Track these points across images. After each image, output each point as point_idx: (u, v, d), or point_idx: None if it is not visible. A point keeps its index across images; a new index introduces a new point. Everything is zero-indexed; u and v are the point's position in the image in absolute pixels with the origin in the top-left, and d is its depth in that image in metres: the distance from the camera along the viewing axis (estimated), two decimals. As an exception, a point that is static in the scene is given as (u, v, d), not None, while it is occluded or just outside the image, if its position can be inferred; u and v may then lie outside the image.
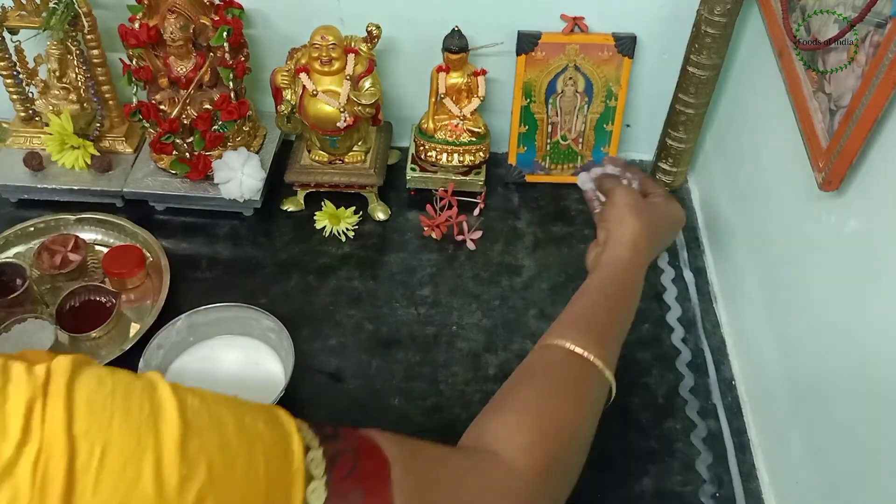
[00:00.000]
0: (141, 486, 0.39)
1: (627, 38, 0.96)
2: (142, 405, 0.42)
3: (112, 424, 0.40)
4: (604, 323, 0.68)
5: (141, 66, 0.95)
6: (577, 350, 0.64)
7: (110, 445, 0.39)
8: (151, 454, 0.40)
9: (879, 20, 0.58)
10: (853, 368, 0.63)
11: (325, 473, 0.46)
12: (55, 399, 0.39)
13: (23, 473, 0.37)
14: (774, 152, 0.82)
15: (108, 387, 0.42)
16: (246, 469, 0.43)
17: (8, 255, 0.96)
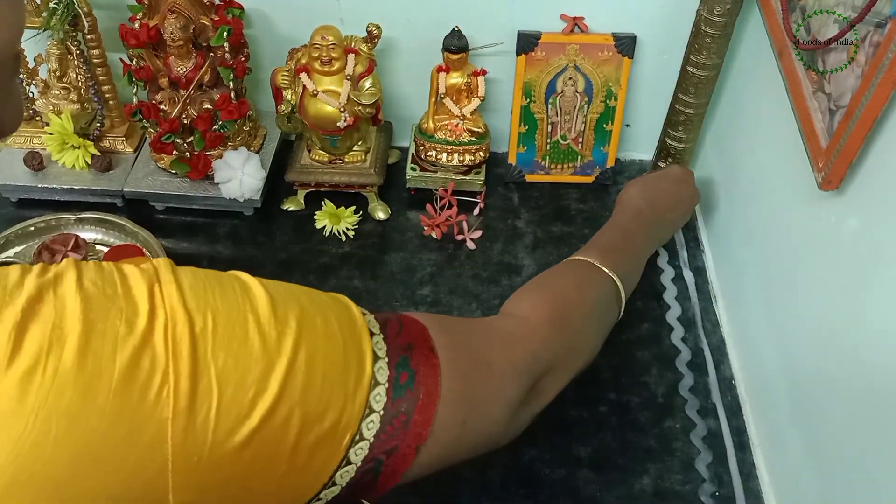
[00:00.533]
0: (249, 342, 0.47)
1: (627, 38, 0.96)
2: (232, 285, 0.50)
3: (215, 299, 0.48)
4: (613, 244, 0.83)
5: (141, 66, 0.95)
6: (585, 259, 0.79)
7: (218, 313, 0.47)
8: (251, 317, 0.48)
9: (879, 20, 0.58)
10: (853, 367, 0.63)
11: (381, 332, 0.55)
12: (167, 284, 0.47)
13: (158, 340, 0.44)
14: (774, 152, 0.82)
15: (202, 275, 0.50)
16: (325, 324, 0.52)
17: (8, 255, 0.96)
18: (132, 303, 0.45)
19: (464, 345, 0.61)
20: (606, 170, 1.07)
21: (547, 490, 0.78)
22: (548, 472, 0.79)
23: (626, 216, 0.89)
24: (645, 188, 0.92)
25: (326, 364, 0.51)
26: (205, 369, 0.45)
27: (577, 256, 0.81)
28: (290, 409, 0.48)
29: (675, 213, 0.92)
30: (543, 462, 0.80)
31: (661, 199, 0.91)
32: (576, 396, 0.85)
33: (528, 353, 0.65)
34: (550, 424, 0.83)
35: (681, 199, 0.93)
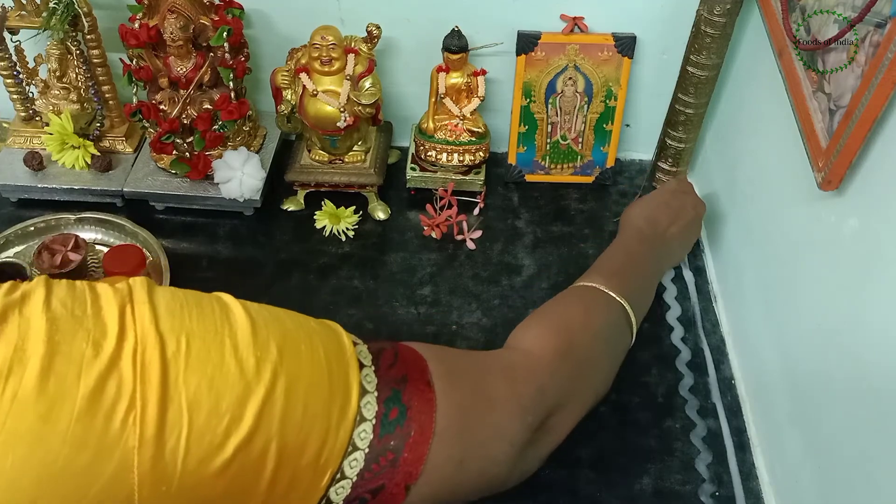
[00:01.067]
0: (225, 367, 0.45)
1: (627, 38, 0.96)
2: (212, 306, 0.48)
3: (191, 320, 0.46)
4: (617, 267, 0.81)
5: (141, 66, 0.95)
6: (589, 284, 0.77)
7: (193, 337, 0.45)
8: (229, 341, 0.46)
9: (879, 20, 0.58)
10: (853, 367, 0.63)
11: (373, 363, 0.53)
12: (140, 304, 0.45)
13: (125, 364, 0.42)
14: (774, 152, 0.82)
15: (180, 295, 0.48)
16: (309, 353, 0.50)
17: (8, 254, 0.96)
18: (101, 324, 0.43)
19: (463, 378, 0.58)
20: (606, 170, 1.07)
21: (547, 490, 0.78)
22: (548, 472, 0.79)
23: (628, 237, 0.87)
24: (643, 206, 0.91)
25: (308, 395, 0.48)
26: (175, 395, 0.43)
27: (581, 282, 0.79)
28: (267, 440, 0.46)
29: (678, 227, 0.90)
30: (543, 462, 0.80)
31: (661, 214, 0.89)
32: (576, 396, 0.85)
33: (534, 386, 0.62)
34: (550, 424, 0.83)
35: (682, 210, 0.91)
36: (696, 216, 0.92)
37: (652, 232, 0.87)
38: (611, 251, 0.85)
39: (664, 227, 0.88)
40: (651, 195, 0.93)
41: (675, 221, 0.90)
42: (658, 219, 0.89)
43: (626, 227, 0.89)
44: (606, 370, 0.73)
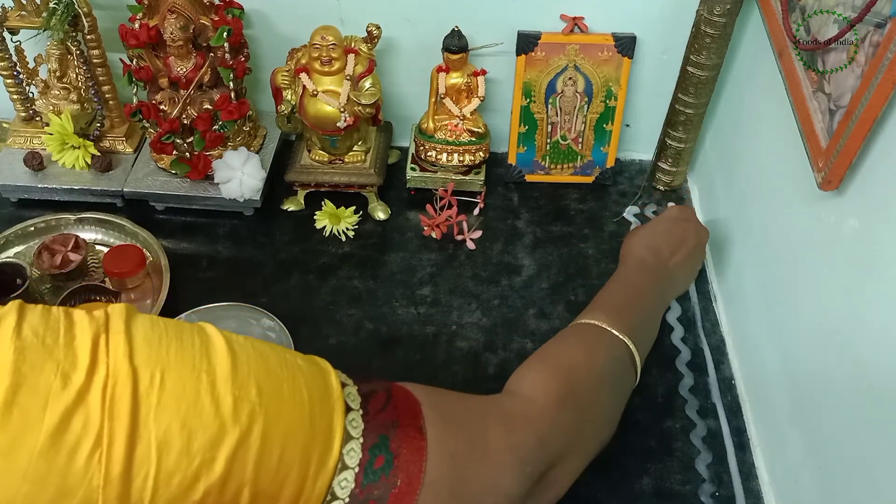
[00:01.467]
0: (199, 406, 0.43)
1: (627, 38, 0.96)
2: (193, 339, 0.46)
3: (168, 353, 0.44)
4: (620, 302, 0.79)
5: (141, 66, 0.95)
6: (592, 322, 0.74)
7: (168, 371, 0.43)
8: (206, 377, 0.44)
9: (879, 20, 0.58)
10: (853, 367, 0.63)
11: (361, 406, 0.50)
12: (116, 334, 0.43)
13: (94, 399, 0.40)
14: (774, 152, 0.82)
15: (161, 326, 0.46)
16: (291, 394, 0.47)
17: (8, 254, 0.96)
18: (72, 355, 0.41)
19: (459, 425, 0.56)
20: (606, 170, 1.07)
21: (547, 490, 0.78)
22: (548, 472, 0.79)
23: (630, 269, 0.84)
24: (644, 236, 0.88)
25: (287, 439, 0.46)
26: (144, 433, 0.41)
27: (582, 320, 0.76)
28: (239, 486, 0.44)
29: (681, 255, 0.87)
30: (543, 462, 0.80)
31: (663, 243, 0.86)
32: (576, 396, 0.85)
33: (533, 437, 0.59)
34: (550, 424, 0.83)
35: (684, 238, 0.88)
36: (698, 243, 0.89)
37: (654, 262, 0.84)
38: (612, 285, 0.82)
39: (667, 256, 0.86)
40: (651, 224, 0.90)
41: (678, 250, 0.87)
42: (660, 248, 0.86)
43: (626, 258, 0.86)
44: (610, 415, 0.70)
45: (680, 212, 0.91)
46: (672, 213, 0.91)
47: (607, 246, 1.00)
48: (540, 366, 0.68)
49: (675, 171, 1.05)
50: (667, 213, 0.91)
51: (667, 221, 0.89)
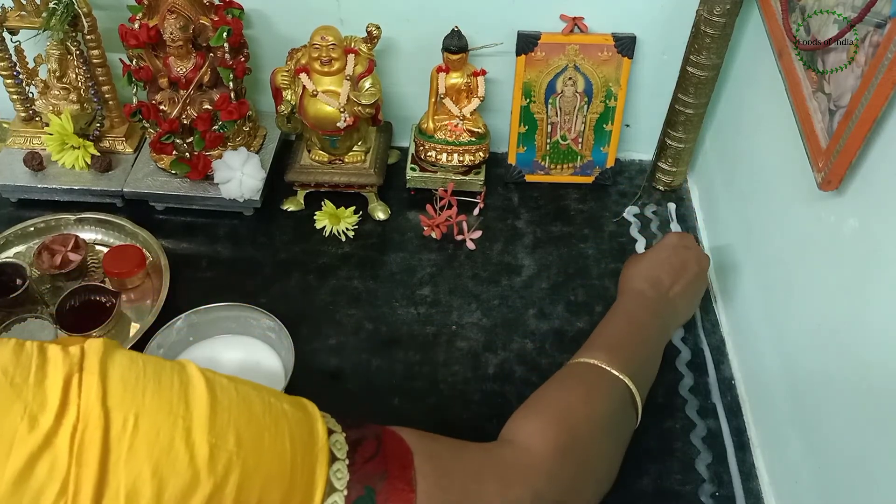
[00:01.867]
0: (173, 453, 0.41)
1: (627, 38, 0.96)
2: (172, 380, 0.44)
3: (144, 396, 0.42)
4: (619, 338, 0.76)
5: (141, 66, 0.95)
6: (591, 361, 0.71)
7: (142, 415, 0.41)
8: (182, 423, 0.42)
9: (879, 20, 0.58)
10: (853, 367, 0.63)
11: (348, 456, 0.48)
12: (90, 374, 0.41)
13: (62, 443, 0.39)
14: (774, 152, 0.82)
15: (140, 364, 0.44)
16: (272, 443, 0.45)
17: (8, 255, 0.96)
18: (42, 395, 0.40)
19: (452, 478, 0.53)
20: (606, 170, 1.07)
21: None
22: (548, 472, 0.79)
23: (629, 301, 0.81)
24: (642, 265, 0.85)
25: (264, 492, 0.44)
26: (113, 481, 0.39)
27: (581, 359, 0.73)
28: None
29: (681, 285, 0.83)
30: None
31: (663, 272, 0.83)
32: (576, 396, 0.85)
33: (530, 491, 0.57)
34: (550, 424, 0.83)
35: (684, 266, 0.84)
36: (700, 271, 0.86)
37: (654, 294, 0.81)
38: (611, 319, 0.79)
39: (667, 286, 0.82)
40: (650, 252, 0.87)
41: (679, 279, 0.83)
42: (660, 278, 0.82)
43: (625, 289, 0.83)
44: (610, 465, 0.67)
45: (679, 239, 0.87)
46: (671, 240, 0.87)
47: (607, 246, 1.00)
48: (538, 413, 0.65)
49: (675, 171, 1.05)
50: (665, 241, 0.88)
51: (666, 249, 0.86)
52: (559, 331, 0.91)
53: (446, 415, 0.83)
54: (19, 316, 0.86)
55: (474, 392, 0.85)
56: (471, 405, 0.84)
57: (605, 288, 0.95)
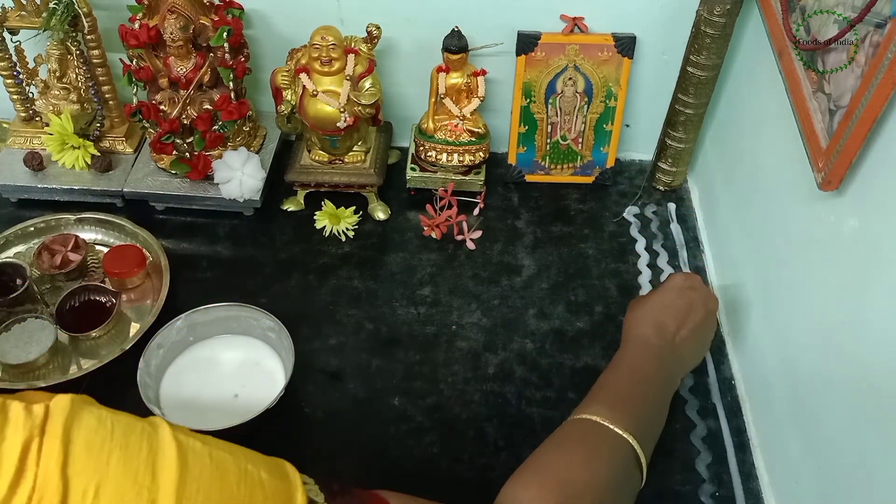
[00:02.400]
0: None
1: (627, 38, 0.96)
2: (141, 445, 0.41)
3: (109, 463, 0.40)
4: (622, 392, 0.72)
5: (141, 66, 0.95)
6: (592, 418, 0.67)
7: (105, 484, 0.39)
8: (147, 494, 0.39)
9: (879, 20, 0.58)
10: (853, 367, 0.63)
11: None
12: (52, 438, 0.39)
13: None
14: (774, 152, 0.82)
15: (108, 427, 0.42)
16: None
17: (8, 254, 0.96)
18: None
19: None
20: (606, 170, 1.07)
21: (547, 490, 0.78)
22: (548, 472, 0.79)
23: (633, 350, 0.77)
24: (646, 309, 0.80)
25: None
26: None
27: (582, 414, 0.69)
28: None
29: (688, 329, 0.78)
30: None
31: (668, 316, 0.78)
32: (576, 397, 0.85)
33: None
34: (551, 425, 0.83)
35: (691, 309, 0.79)
36: (707, 314, 0.81)
37: (659, 340, 0.76)
38: (614, 370, 0.75)
39: (672, 332, 0.77)
40: (654, 295, 0.81)
41: (685, 324, 0.78)
42: (665, 323, 0.78)
43: (629, 336, 0.78)
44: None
45: (685, 280, 0.82)
46: (676, 282, 0.82)
47: (607, 246, 1.00)
48: (536, 480, 0.62)
49: (675, 171, 1.05)
50: (670, 283, 0.82)
51: (671, 292, 0.81)
52: (559, 331, 0.91)
53: (446, 414, 0.83)
54: (19, 316, 0.87)
55: (474, 392, 0.85)
56: (471, 405, 0.84)
57: (606, 288, 0.95)
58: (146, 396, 0.78)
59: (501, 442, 0.81)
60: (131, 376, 0.79)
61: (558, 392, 0.85)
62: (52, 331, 0.86)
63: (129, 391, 0.80)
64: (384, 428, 0.82)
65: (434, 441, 0.81)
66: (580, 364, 0.88)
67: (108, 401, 0.85)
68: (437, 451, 0.81)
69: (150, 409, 0.77)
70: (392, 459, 0.80)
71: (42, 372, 0.84)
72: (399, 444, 0.81)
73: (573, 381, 0.86)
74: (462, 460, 0.80)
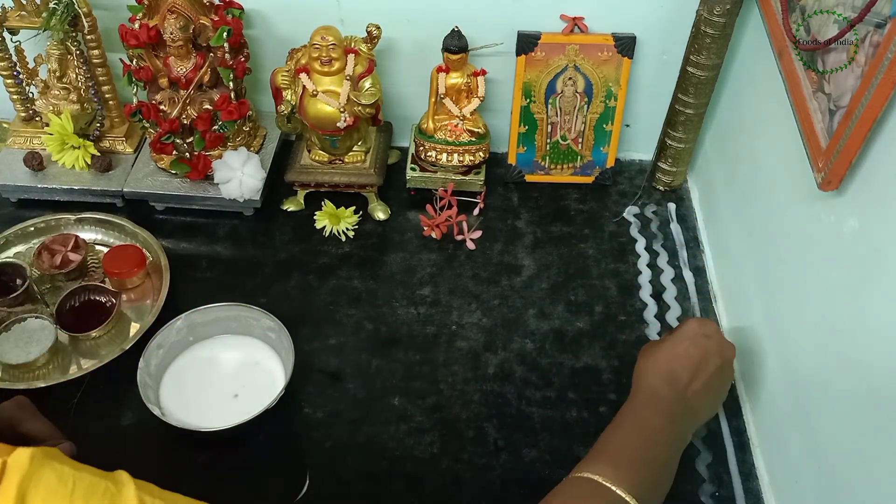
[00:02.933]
0: None
1: (627, 38, 0.96)
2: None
3: None
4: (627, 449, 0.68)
5: (141, 66, 0.95)
6: (594, 478, 0.63)
7: None
8: None
9: (879, 20, 0.58)
10: (852, 367, 0.63)
11: None
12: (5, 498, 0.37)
13: None
14: (774, 152, 0.82)
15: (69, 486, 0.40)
16: None
17: (8, 254, 0.96)
18: None
19: None
20: (606, 170, 1.07)
21: (547, 490, 0.78)
22: (548, 472, 0.79)
23: (641, 402, 0.72)
24: (658, 358, 0.75)
25: None
26: None
27: (584, 472, 0.65)
28: None
29: (701, 381, 0.73)
30: (544, 463, 0.80)
31: (680, 366, 0.73)
32: (576, 398, 0.85)
33: None
34: (551, 426, 0.83)
35: (705, 359, 0.74)
36: (723, 363, 0.75)
37: (670, 392, 0.72)
38: (620, 424, 0.70)
39: (685, 383, 0.72)
40: (667, 343, 0.76)
41: (698, 374, 0.73)
42: (677, 374, 0.73)
43: (638, 387, 0.74)
44: None
45: (700, 326, 0.77)
46: (690, 329, 0.76)
47: (607, 246, 1.00)
48: None
49: (675, 171, 1.05)
50: (684, 330, 0.77)
51: (684, 340, 0.75)
52: (559, 331, 0.91)
53: (446, 414, 0.83)
54: (19, 316, 0.87)
55: (474, 392, 0.85)
56: (471, 405, 0.84)
57: (605, 288, 0.95)
58: (146, 396, 0.78)
59: (501, 442, 0.81)
60: (131, 376, 0.79)
61: (558, 392, 0.85)
62: (52, 331, 0.86)
63: (129, 391, 0.80)
64: (384, 428, 0.82)
65: (434, 441, 0.81)
66: (580, 364, 0.88)
67: (108, 401, 0.85)
68: (437, 451, 0.81)
69: (151, 409, 0.77)
70: (392, 459, 0.80)
71: (42, 372, 0.85)
72: (399, 444, 0.81)
73: (573, 381, 0.86)
74: (462, 460, 0.80)
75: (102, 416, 0.82)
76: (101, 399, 0.83)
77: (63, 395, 0.82)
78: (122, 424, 0.82)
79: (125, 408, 0.83)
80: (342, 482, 0.78)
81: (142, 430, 0.81)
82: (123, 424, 0.82)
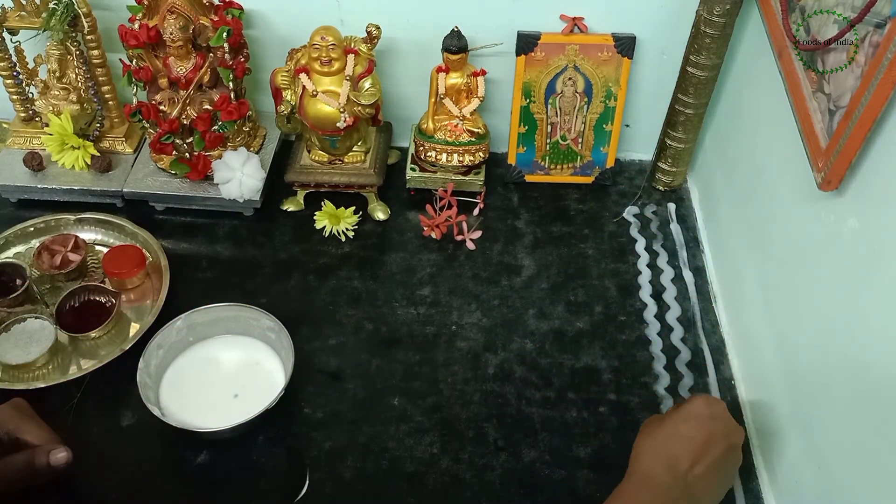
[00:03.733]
0: None
1: (627, 38, 0.96)
2: None
3: None
4: None
5: (141, 66, 0.95)
6: None
7: None
8: None
9: (879, 20, 0.58)
10: (852, 367, 0.63)
11: None
12: None
13: None
14: (774, 152, 0.82)
15: None
16: None
17: (8, 255, 0.96)
18: None
19: None
20: (606, 170, 1.07)
21: (547, 490, 0.78)
22: (548, 472, 0.79)
23: (636, 485, 0.67)
24: (658, 440, 0.69)
25: None
26: None
27: None
28: None
29: (704, 466, 0.67)
30: (543, 462, 0.80)
31: (682, 449, 0.68)
32: (576, 397, 0.85)
33: None
34: (551, 425, 0.83)
35: (710, 441, 0.69)
36: (729, 448, 0.70)
37: (669, 478, 0.66)
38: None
39: (685, 468, 0.67)
40: (669, 421, 0.71)
41: (701, 459, 0.67)
42: (677, 457, 0.67)
43: (634, 468, 0.69)
44: None
45: (706, 406, 0.71)
46: (696, 408, 0.71)
47: (607, 246, 1.00)
48: None
49: (675, 171, 1.05)
50: (690, 408, 0.71)
51: (689, 420, 0.70)
52: (559, 331, 0.91)
53: (446, 414, 0.83)
54: (19, 316, 0.87)
55: (474, 392, 0.85)
56: (471, 405, 0.84)
57: (605, 288, 0.95)
58: (146, 396, 0.78)
59: (501, 442, 0.81)
60: (131, 376, 0.79)
61: (558, 392, 0.85)
62: (52, 331, 0.86)
63: (128, 391, 0.80)
64: (384, 428, 0.82)
65: (434, 441, 0.81)
66: (580, 364, 0.88)
67: (108, 401, 0.85)
68: (437, 451, 0.81)
69: (150, 409, 0.77)
70: (392, 459, 0.80)
71: (42, 372, 0.85)
72: (399, 444, 0.81)
73: (573, 381, 0.86)
74: (462, 460, 0.80)
75: (102, 416, 0.82)
76: (101, 399, 0.83)
77: (63, 396, 0.82)
78: (121, 425, 0.82)
79: (125, 408, 0.83)
80: (342, 482, 0.78)
81: (142, 431, 0.81)
82: (123, 425, 0.82)
